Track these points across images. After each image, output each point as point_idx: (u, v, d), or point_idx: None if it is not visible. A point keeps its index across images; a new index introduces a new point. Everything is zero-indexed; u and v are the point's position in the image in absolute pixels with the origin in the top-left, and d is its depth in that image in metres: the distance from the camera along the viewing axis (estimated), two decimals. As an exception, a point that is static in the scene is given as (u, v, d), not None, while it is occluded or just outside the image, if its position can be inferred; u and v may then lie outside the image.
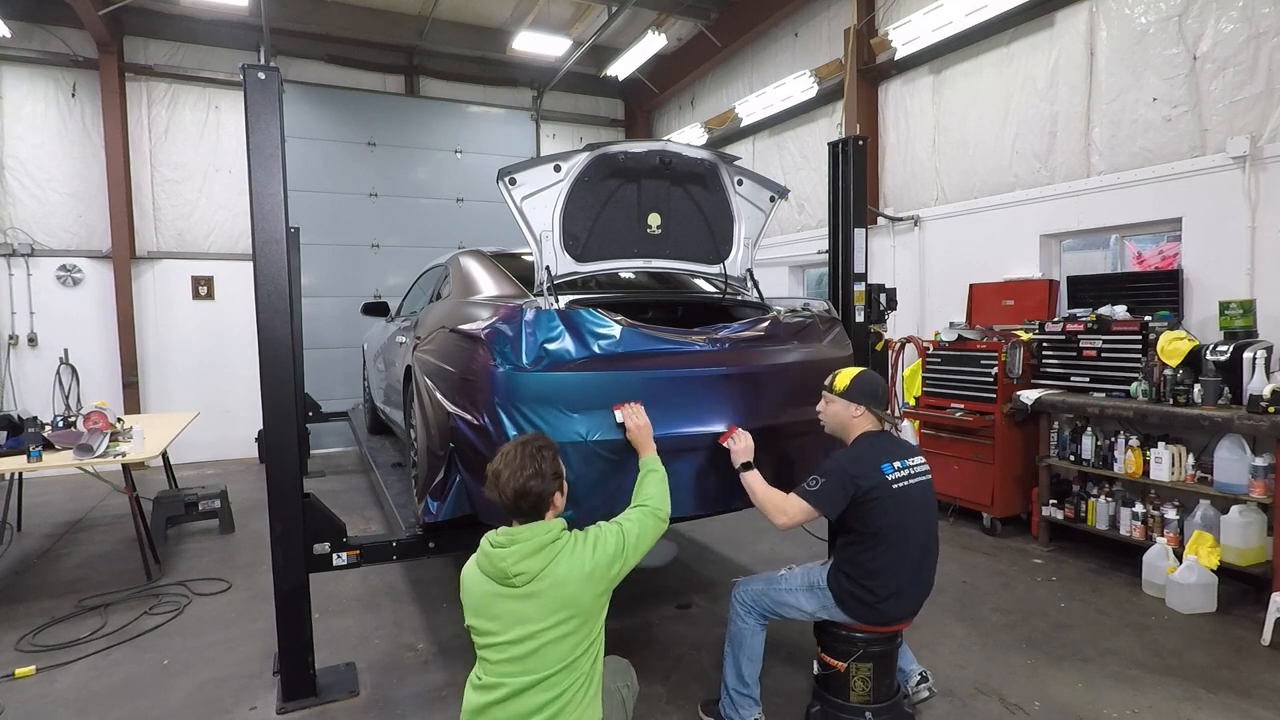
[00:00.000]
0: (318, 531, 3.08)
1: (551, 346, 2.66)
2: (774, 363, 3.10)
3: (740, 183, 3.47)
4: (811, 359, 3.23)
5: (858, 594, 2.65)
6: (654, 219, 3.24)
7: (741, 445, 2.80)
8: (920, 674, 2.97)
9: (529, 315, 2.68)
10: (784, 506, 2.67)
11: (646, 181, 3.17)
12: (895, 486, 2.62)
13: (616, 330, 2.76)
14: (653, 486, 2.45)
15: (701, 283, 3.86)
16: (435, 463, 2.99)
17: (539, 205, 3.00)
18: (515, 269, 3.58)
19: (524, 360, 2.62)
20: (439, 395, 2.98)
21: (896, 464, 2.66)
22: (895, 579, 2.65)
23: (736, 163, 3.45)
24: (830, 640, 2.77)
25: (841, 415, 2.78)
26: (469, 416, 2.72)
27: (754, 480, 2.74)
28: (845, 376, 2.80)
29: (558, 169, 2.99)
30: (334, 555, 3.11)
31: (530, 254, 3.15)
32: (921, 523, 2.71)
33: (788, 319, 3.28)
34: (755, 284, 3.67)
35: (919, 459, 2.76)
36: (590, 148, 3.03)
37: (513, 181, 2.95)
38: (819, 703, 2.83)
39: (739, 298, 3.59)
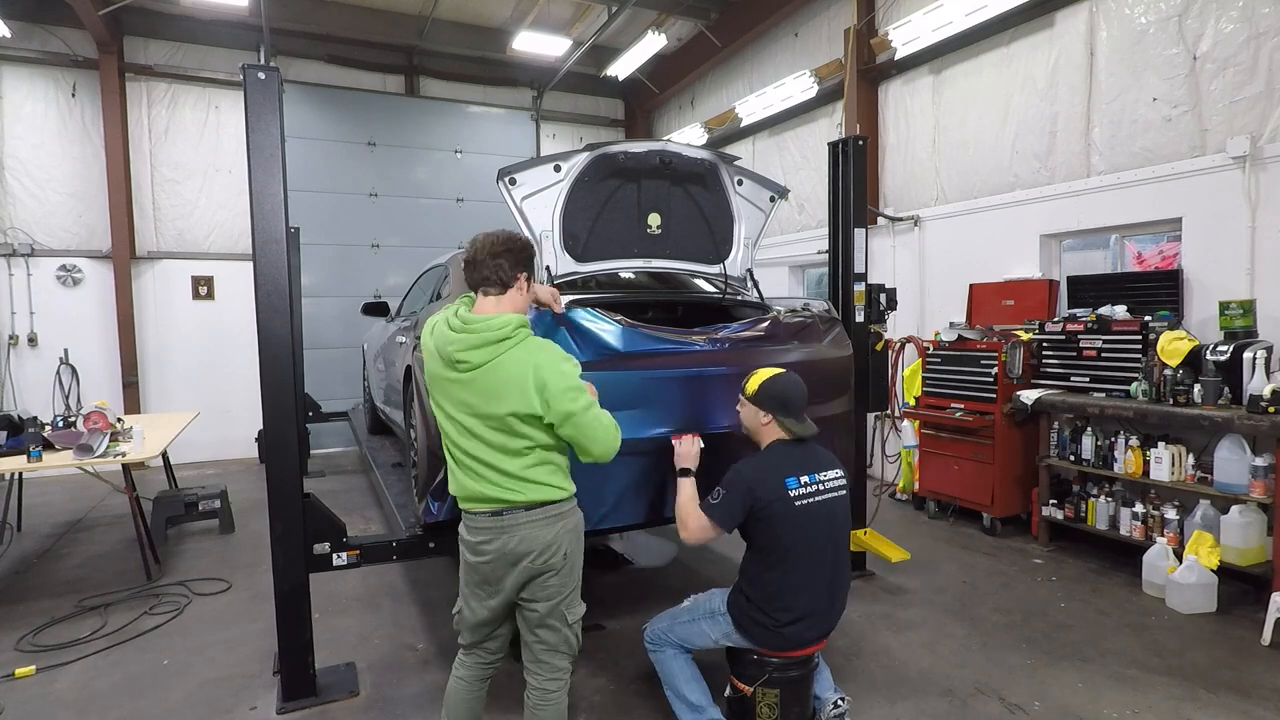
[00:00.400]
0: (318, 531, 3.08)
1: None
2: (774, 363, 3.10)
3: (740, 183, 3.47)
4: (811, 359, 3.23)
5: (757, 618, 2.50)
6: (654, 219, 3.24)
7: (685, 450, 2.72)
8: (836, 702, 2.75)
9: (529, 315, 2.68)
10: (686, 520, 2.56)
11: (646, 181, 3.18)
12: (798, 503, 2.46)
13: (616, 330, 2.77)
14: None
15: (701, 283, 3.86)
16: (435, 463, 2.99)
17: (539, 205, 3.01)
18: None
19: None
20: (439, 395, 2.97)
21: (804, 478, 2.50)
22: (797, 601, 2.48)
23: (736, 163, 3.46)
24: (738, 663, 2.62)
25: (751, 421, 2.64)
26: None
27: (685, 487, 2.66)
28: (757, 379, 2.63)
29: (558, 169, 3.00)
30: (334, 555, 3.11)
31: (530, 254, 3.14)
32: (828, 541, 2.53)
33: (788, 319, 3.28)
34: (755, 284, 3.67)
35: (833, 472, 2.60)
36: (590, 148, 3.04)
37: (513, 181, 2.96)
38: None
39: (739, 298, 3.59)
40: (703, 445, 2.77)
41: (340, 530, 3.15)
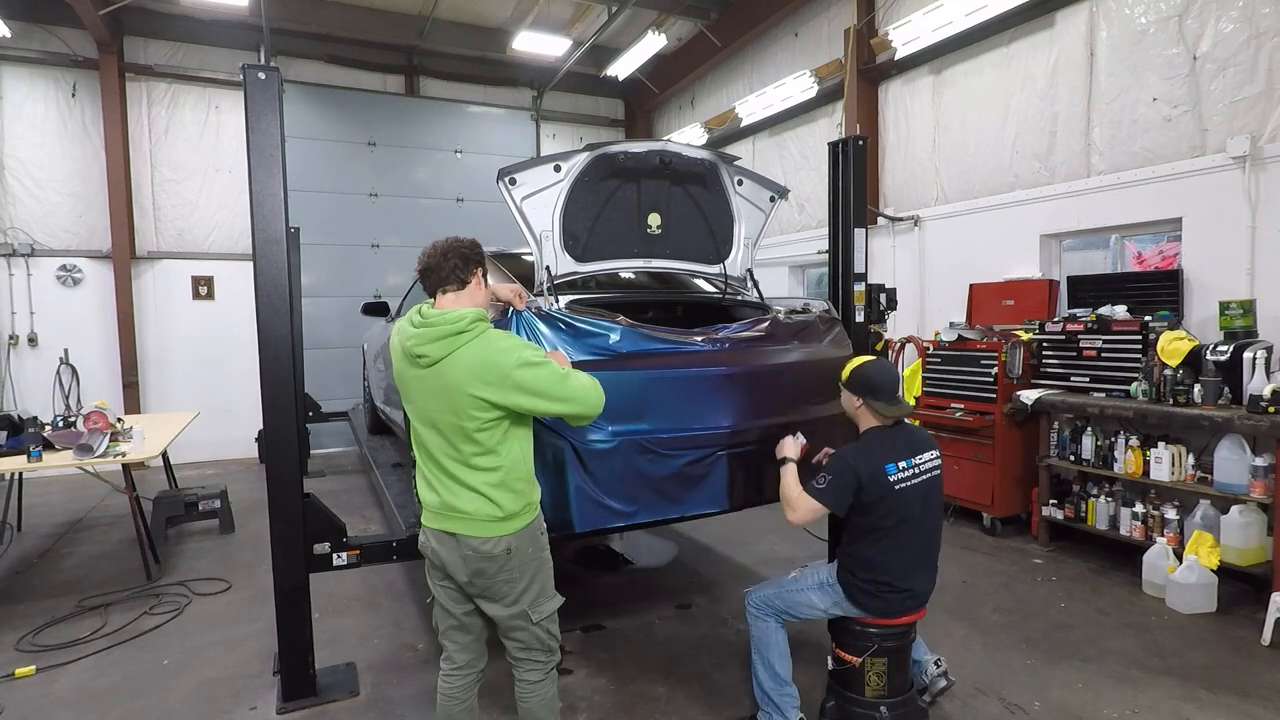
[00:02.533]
0: (318, 531, 3.08)
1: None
2: (774, 362, 3.10)
3: (740, 183, 3.47)
4: (811, 359, 3.23)
5: (866, 587, 2.65)
6: (654, 219, 3.24)
7: (785, 441, 2.85)
8: (936, 661, 3.01)
9: (527, 316, 2.68)
10: (794, 503, 2.67)
11: (646, 181, 3.17)
12: (899, 487, 2.60)
13: (616, 330, 2.77)
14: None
15: (701, 283, 3.86)
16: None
17: (539, 205, 3.00)
18: (515, 269, 3.58)
19: None
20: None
21: (902, 463, 2.62)
22: (900, 572, 2.65)
23: (736, 163, 3.45)
24: (844, 636, 2.76)
25: (847, 406, 2.79)
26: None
27: (787, 474, 2.75)
28: (849, 366, 2.78)
29: (558, 169, 3.00)
30: (334, 555, 3.10)
31: (530, 254, 3.15)
32: (927, 516, 2.71)
33: (788, 319, 3.28)
34: (755, 284, 3.67)
35: (929, 454, 2.73)
36: (590, 148, 3.03)
37: (513, 181, 2.96)
38: (834, 698, 2.82)
39: (739, 298, 3.59)
40: (804, 442, 2.86)
41: (340, 530, 3.14)
